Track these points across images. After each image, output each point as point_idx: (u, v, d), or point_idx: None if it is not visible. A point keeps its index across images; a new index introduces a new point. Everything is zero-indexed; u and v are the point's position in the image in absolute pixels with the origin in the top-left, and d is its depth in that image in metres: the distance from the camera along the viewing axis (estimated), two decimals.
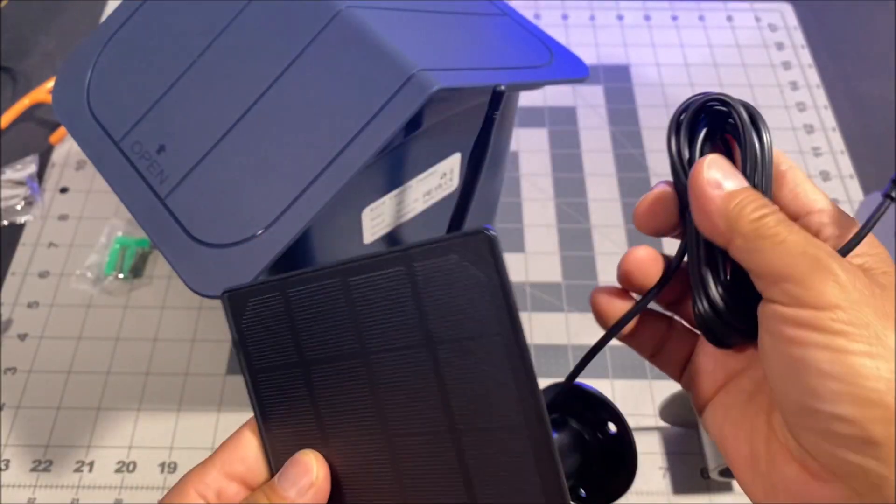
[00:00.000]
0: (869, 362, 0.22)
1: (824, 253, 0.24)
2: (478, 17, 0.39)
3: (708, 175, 0.26)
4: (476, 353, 0.25)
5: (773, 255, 0.24)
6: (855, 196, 0.60)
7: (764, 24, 0.73)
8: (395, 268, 0.26)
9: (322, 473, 0.26)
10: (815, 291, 0.23)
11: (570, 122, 0.65)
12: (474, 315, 0.25)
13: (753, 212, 0.25)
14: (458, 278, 0.25)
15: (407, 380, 0.26)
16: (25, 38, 0.71)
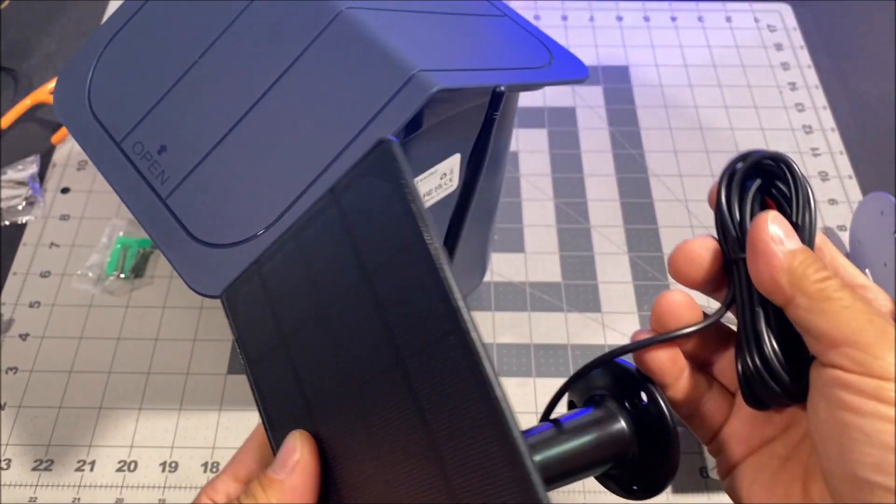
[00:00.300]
0: None
1: (888, 323, 0.24)
2: (477, 18, 0.39)
3: (772, 230, 0.25)
4: (400, 270, 0.24)
5: (838, 319, 0.24)
6: (854, 196, 0.60)
7: (763, 25, 0.73)
8: (330, 210, 0.25)
9: (307, 451, 0.26)
10: (882, 361, 0.23)
11: (569, 123, 0.65)
12: (392, 232, 0.24)
13: (816, 272, 0.25)
14: (373, 197, 0.24)
15: (356, 323, 0.25)
16: (27, 39, 0.72)
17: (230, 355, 0.51)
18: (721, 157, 0.63)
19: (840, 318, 0.24)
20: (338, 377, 0.26)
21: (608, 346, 0.52)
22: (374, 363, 0.25)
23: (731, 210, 0.28)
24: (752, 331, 0.27)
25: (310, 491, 0.26)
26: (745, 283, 0.27)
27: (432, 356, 0.23)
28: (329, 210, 0.25)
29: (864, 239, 0.54)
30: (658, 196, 0.60)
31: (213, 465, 0.47)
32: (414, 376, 0.24)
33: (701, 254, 0.28)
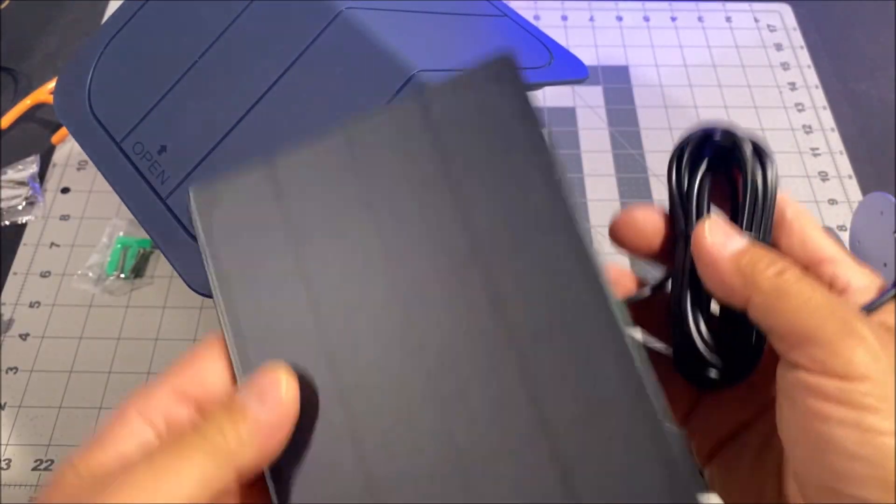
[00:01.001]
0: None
1: (852, 314, 0.22)
2: (477, 18, 0.39)
3: (712, 238, 0.24)
4: (507, 194, 0.21)
5: (797, 316, 0.22)
6: (853, 196, 0.60)
7: (763, 25, 0.73)
8: (411, 109, 0.22)
9: (293, 390, 0.22)
10: (843, 359, 0.21)
11: (569, 123, 0.65)
12: (503, 152, 0.21)
13: (768, 267, 0.23)
14: (480, 110, 0.21)
15: (432, 238, 0.21)
16: (27, 39, 0.72)
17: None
18: None
19: (799, 315, 0.22)
20: (382, 307, 0.22)
21: None
22: (450, 288, 0.21)
23: (680, 184, 0.27)
24: (678, 310, 0.26)
25: (283, 439, 0.22)
26: (682, 260, 0.26)
27: (541, 295, 0.20)
28: (410, 109, 0.22)
29: (864, 239, 0.54)
30: (658, 196, 0.60)
31: None
32: (514, 311, 0.21)
33: (645, 223, 0.27)
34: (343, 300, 0.22)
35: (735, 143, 0.26)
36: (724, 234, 0.24)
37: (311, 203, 0.23)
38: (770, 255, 0.24)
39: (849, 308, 0.22)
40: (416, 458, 0.21)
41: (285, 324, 0.23)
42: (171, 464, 0.20)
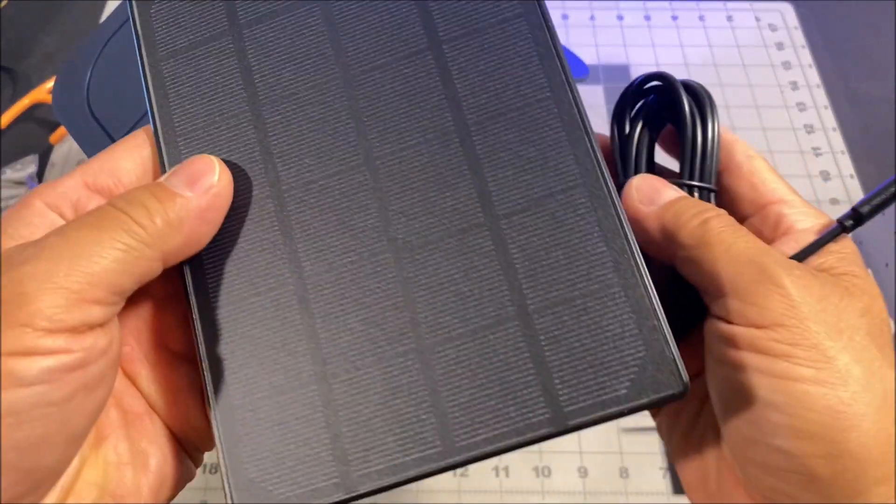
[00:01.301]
0: (813, 390, 0.19)
1: (773, 261, 0.21)
2: None
3: (638, 195, 0.24)
4: (490, 46, 0.21)
5: (716, 265, 0.21)
6: (855, 196, 0.60)
7: (764, 24, 0.73)
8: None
9: (226, 177, 0.22)
10: (756, 307, 0.20)
11: None
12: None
13: (694, 217, 0.22)
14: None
15: (393, 47, 0.21)
16: (25, 38, 0.71)
17: None
18: None
19: (718, 264, 0.21)
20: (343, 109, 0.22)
21: None
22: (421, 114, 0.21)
23: (620, 135, 0.27)
24: None
25: (211, 228, 0.22)
26: None
27: (513, 123, 0.21)
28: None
29: (865, 239, 0.54)
30: None
31: (212, 467, 0.46)
32: (481, 146, 0.21)
33: None
34: (286, 102, 0.22)
35: (673, 92, 0.25)
36: (652, 190, 0.24)
37: (260, 1, 0.23)
38: (697, 205, 0.23)
39: (770, 255, 0.21)
40: (349, 254, 0.21)
41: (222, 120, 0.22)
42: (88, 236, 0.19)
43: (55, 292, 0.18)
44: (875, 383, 0.19)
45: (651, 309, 0.19)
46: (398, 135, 0.21)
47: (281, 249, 0.21)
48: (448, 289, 0.20)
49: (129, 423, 0.22)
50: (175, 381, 0.23)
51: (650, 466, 0.46)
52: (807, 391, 0.19)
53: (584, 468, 0.46)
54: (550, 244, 0.20)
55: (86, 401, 0.19)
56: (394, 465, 0.19)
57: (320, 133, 0.22)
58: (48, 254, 0.19)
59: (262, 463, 0.20)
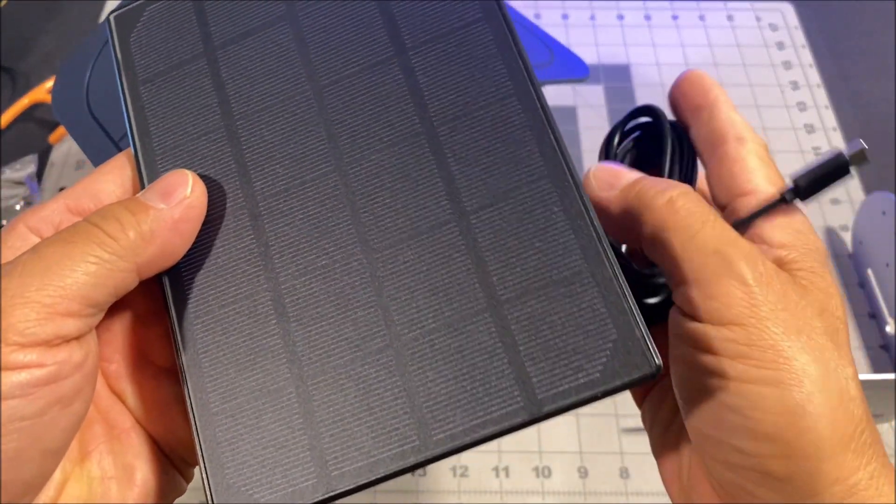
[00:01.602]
0: (769, 392, 0.19)
1: (738, 253, 0.20)
2: None
3: (596, 181, 0.23)
4: (455, 45, 0.22)
5: (680, 252, 0.20)
6: (856, 196, 0.60)
7: (765, 24, 0.73)
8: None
9: (199, 189, 0.22)
10: (717, 302, 0.20)
11: (570, 122, 0.65)
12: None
13: (658, 195, 0.21)
14: None
15: (361, 57, 0.22)
16: (25, 38, 0.71)
17: None
18: None
19: (683, 251, 0.20)
20: (314, 125, 0.22)
21: None
22: (388, 119, 0.22)
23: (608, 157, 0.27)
24: None
25: (186, 239, 0.22)
26: None
27: (479, 122, 0.21)
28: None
29: (866, 239, 0.54)
30: None
31: None
32: (448, 146, 0.21)
33: None
34: (259, 117, 0.23)
35: (661, 137, 0.26)
36: (610, 175, 0.23)
37: (232, 21, 0.24)
38: (660, 183, 0.22)
39: (736, 246, 0.20)
40: (322, 257, 0.21)
41: (198, 137, 0.23)
42: (59, 251, 0.20)
43: (27, 306, 0.19)
44: (831, 384, 0.19)
45: (620, 292, 0.19)
46: (367, 140, 0.22)
47: (256, 257, 0.22)
48: (420, 285, 0.20)
49: (115, 437, 0.22)
50: (161, 396, 0.23)
51: (650, 466, 0.46)
52: (762, 393, 0.19)
53: (584, 468, 0.46)
54: (519, 235, 0.20)
55: (61, 415, 0.19)
56: (372, 462, 0.20)
57: (292, 144, 0.22)
58: (20, 270, 0.19)
59: (242, 467, 0.20)
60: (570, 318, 0.19)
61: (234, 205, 0.22)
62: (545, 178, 0.21)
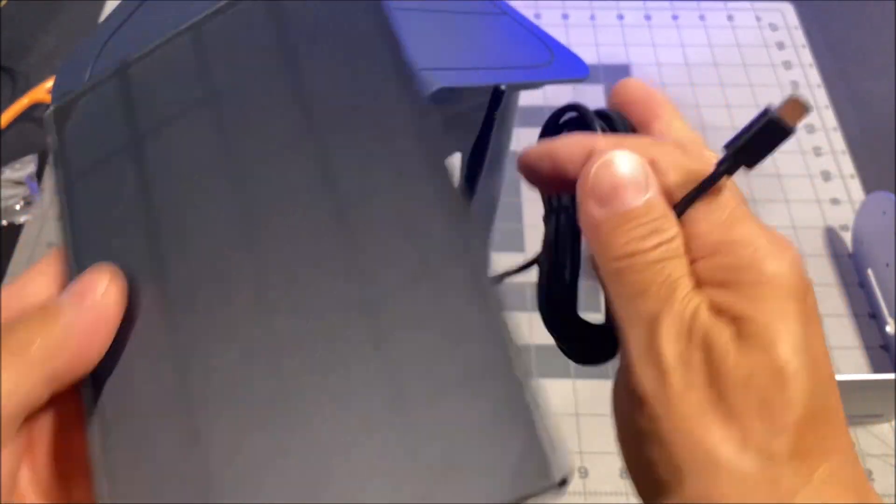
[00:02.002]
0: (687, 467, 0.18)
1: (669, 323, 0.19)
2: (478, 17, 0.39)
3: (595, 184, 0.21)
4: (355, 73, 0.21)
5: (620, 306, 0.20)
6: (856, 196, 0.60)
7: (765, 24, 0.73)
8: (250, 5, 0.23)
9: (112, 293, 0.20)
10: (634, 376, 0.19)
11: None
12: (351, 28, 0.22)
13: (636, 245, 0.20)
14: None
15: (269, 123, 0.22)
16: (25, 38, 0.71)
17: None
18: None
19: (620, 306, 0.20)
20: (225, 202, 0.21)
21: None
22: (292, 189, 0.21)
23: None
24: (557, 287, 0.26)
25: (100, 344, 0.20)
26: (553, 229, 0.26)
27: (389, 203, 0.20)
28: (248, 5, 0.23)
29: (866, 239, 0.54)
30: None
31: None
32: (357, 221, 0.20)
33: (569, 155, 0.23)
34: (179, 208, 0.22)
35: (587, 124, 0.25)
36: (610, 188, 0.21)
37: (158, 107, 0.23)
38: (654, 222, 0.20)
39: (671, 313, 0.19)
40: (244, 385, 0.20)
41: (121, 232, 0.22)
42: None
43: None
44: (745, 462, 0.18)
45: (525, 402, 0.17)
46: (285, 230, 0.21)
47: (168, 362, 0.20)
48: (324, 387, 0.19)
49: None
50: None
51: None
52: (683, 468, 0.18)
53: (584, 468, 0.46)
54: (425, 331, 0.19)
55: None
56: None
57: (211, 235, 0.21)
58: None
59: None
60: (472, 428, 0.18)
61: (150, 303, 0.21)
62: (454, 264, 0.19)
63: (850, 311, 0.53)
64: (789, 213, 0.59)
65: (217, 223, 0.21)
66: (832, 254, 0.56)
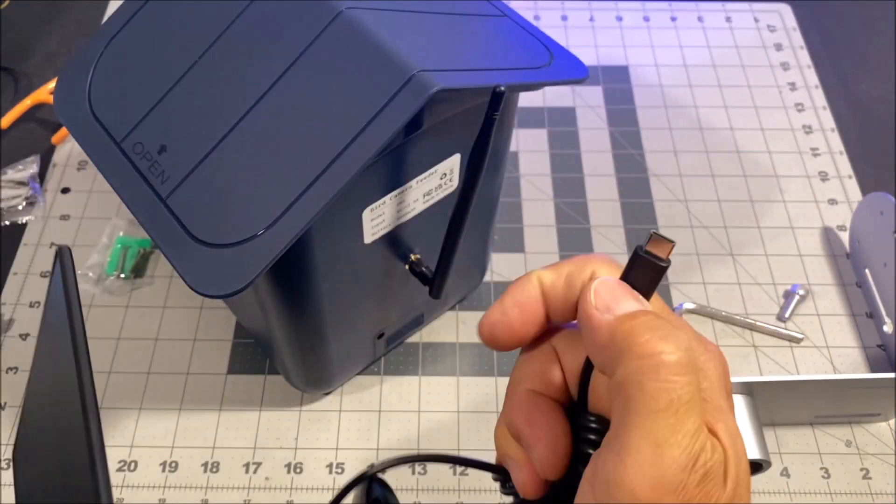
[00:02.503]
0: None
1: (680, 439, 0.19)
2: (477, 19, 0.39)
3: (595, 300, 0.22)
4: None
5: (628, 429, 0.20)
6: (853, 196, 0.60)
7: (763, 25, 0.73)
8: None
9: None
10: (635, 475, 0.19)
11: (569, 123, 0.65)
12: None
13: (644, 333, 0.20)
14: None
15: None
16: (27, 39, 0.72)
17: (230, 355, 0.51)
18: (721, 157, 0.63)
19: (631, 432, 0.20)
20: None
21: None
22: None
23: None
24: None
25: None
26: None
27: None
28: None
29: (863, 239, 0.54)
30: (658, 196, 0.60)
31: (213, 465, 0.47)
32: None
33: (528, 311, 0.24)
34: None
35: None
36: (610, 297, 0.22)
37: None
38: (654, 328, 0.21)
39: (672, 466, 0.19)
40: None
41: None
42: None
43: None
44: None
45: None
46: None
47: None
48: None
49: None
50: None
51: None
52: None
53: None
54: None
55: None
56: None
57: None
58: None
59: None
60: None
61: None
62: None
63: (847, 310, 0.53)
64: (787, 213, 0.59)
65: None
66: (830, 254, 0.57)
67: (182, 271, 0.31)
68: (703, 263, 0.56)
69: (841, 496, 0.46)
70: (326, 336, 0.42)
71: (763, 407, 0.45)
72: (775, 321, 0.53)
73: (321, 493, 0.46)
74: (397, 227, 0.39)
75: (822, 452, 0.47)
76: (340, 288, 0.39)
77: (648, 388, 0.20)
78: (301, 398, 0.49)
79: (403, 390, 0.50)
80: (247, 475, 0.46)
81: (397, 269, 0.42)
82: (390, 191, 0.37)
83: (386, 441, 0.48)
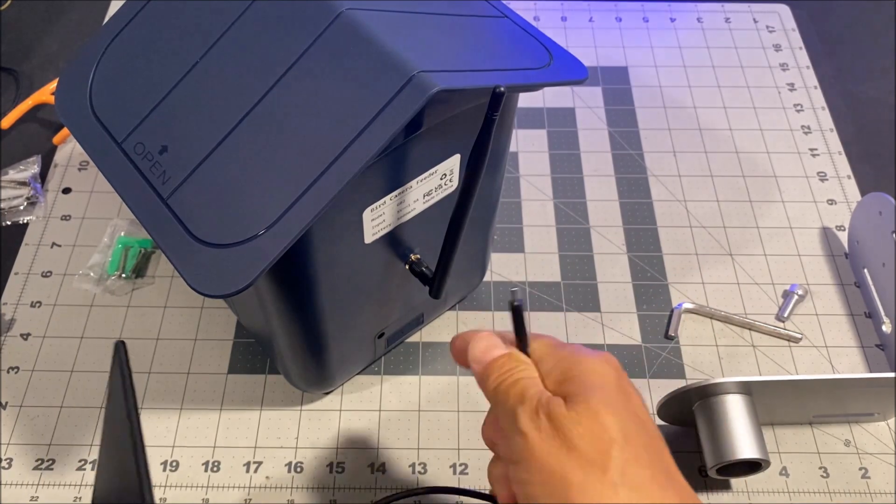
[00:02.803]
0: None
1: (525, 401, 0.30)
2: (477, 20, 0.39)
3: (471, 353, 0.33)
4: None
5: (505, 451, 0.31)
6: (852, 196, 0.60)
7: (762, 26, 0.74)
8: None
9: None
10: (511, 448, 0.30)
11: (568, 124, 0.65)
12: None
13: (501, 376, 0.31)
14: None
15: None
16: (28, 40, 0.72)
17: (230, 355, 0.51)
18: (720, 157, 0.63)
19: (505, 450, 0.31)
20: None
21: (607, 345, 0.52)
22: None
23: None
24: None
25: None
26: None
27: None
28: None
29: (862, 239, 0.54)
30: (657, 196, 0.60)
31: (213, 465, 0.47)
32: None
33: None
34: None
35: None
36: (483, 350, 0.32)
37: None
38: (510, 363, 0.31)
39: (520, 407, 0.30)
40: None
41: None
42: None
43: None
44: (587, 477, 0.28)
45: None
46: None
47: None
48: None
49: None
50: None
51: None
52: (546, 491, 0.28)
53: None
54: None
55: None
56: None
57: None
58: None
59: None
60: None
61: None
62: None
63: (846, 310, 0.54)
64: (786, 213, 0.59)
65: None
66: (828, 254, 0.57)
67: (183, 271, 0.32)
68: (701, 263, 0.56)
69: (840, 495, 0.46)
70: (327, 335, 0.42)
71: (762, 406, 0.45)
72: (774, 321, 0.53)
73: (322, 493, 0.46)
74: (397, 227, 0.39)
75: (820, 452, 0.48)
76: (341, 288, 0.39)
77: (490, 392, 0.32)
78: (301, 398, 0.49)
79: (403, 390, 0.50)
80: (247, 474, 0.46)
81: (397, 269, 0.42)
82: (391, 191, 0.37)
83: (386, 440, 0.48)
